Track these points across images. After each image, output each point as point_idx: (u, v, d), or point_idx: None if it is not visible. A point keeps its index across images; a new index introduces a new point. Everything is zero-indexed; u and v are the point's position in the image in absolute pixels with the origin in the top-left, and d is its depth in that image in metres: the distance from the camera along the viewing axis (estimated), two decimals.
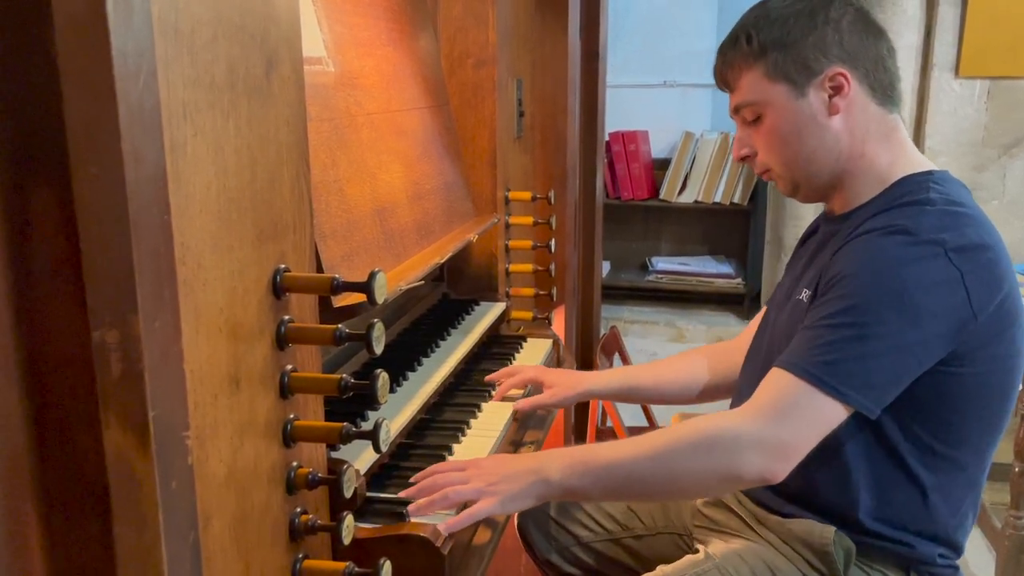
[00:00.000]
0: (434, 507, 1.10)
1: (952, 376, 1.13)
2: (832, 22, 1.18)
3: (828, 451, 1.18)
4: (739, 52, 1.22)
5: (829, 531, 1.20)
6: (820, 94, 1.19)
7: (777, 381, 1.12)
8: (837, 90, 1.19)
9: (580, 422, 2.53)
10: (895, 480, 1.18)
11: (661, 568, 1.29)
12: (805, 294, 1.21)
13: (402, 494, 1.13)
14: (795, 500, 1.26)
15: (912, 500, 1.19)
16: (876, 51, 1.20)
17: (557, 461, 1.16)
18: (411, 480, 1.15)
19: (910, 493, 1.19)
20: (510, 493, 1.13)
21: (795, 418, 1.10)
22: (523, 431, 1.47)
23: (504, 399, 1.48)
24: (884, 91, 1.21)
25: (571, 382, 1.51)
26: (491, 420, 1.40)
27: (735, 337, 1.58)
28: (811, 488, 1.23)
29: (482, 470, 1.15)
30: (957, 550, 1.24)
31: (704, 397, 1.54)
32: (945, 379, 1.13)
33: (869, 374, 1.09)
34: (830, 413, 1.10)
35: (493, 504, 1.11)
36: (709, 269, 4.01)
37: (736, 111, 1.27)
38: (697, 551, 1.32)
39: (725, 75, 1.26)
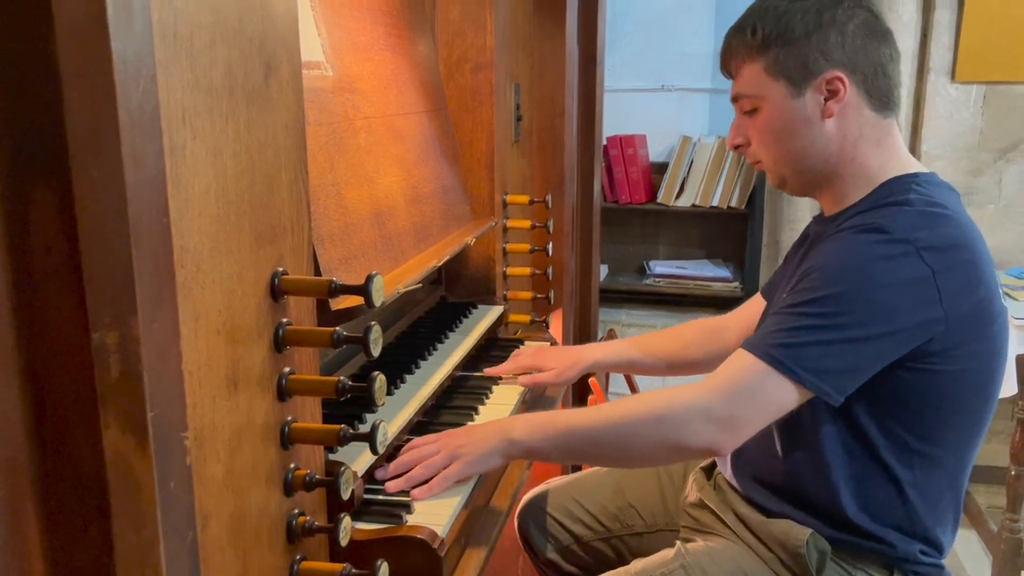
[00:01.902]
0: (411, 482, 1.15)
1: (926, 372, 1.15)
2: (838, 24, 1.19)
3: (807, 444, 1.22)
4: (743, 43, 1.24)
5: (804, 532, 1.22)
6: (816, 96, 1.21)
7: (737, 360, 1.17)
8: (833, 94, 1.20)
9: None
10: (872, 474, 1.21)
11: (636, 562, 1.33)
12: (787, 292, 1.23)
13: (378, 473, 1.17)
14: (782, 495, 1.28)
15: (889, 495, 1.21)
16: (878, 57, 1.21)
17: (521, 422, 1.23)
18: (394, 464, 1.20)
19: (887, 488, 1.21)
20: (477, 454, 1.19)
21: (747, 395, 1.14)
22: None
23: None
24: (881, 97, 1.23)
25: (570, 359, 1.58)
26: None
27: (727, 315, 1.64)
28: (795, 482, 1.26)
29: (452, 438, 1.22)
30: (939, 549, 1.25)
31: (695, 370, 1.58)
32: (919, 375, 1.15)
33: (824, 359, 1.12)
34: (783, 394, 1.13)
35: (462, 466, 1.18)
36: (707, 273, 4.01)
37: (735, 99, 1.29)
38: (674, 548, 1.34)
39: (728, 63, 1.28)
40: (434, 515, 1.11)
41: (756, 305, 1.51)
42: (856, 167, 1.23)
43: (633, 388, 2.66)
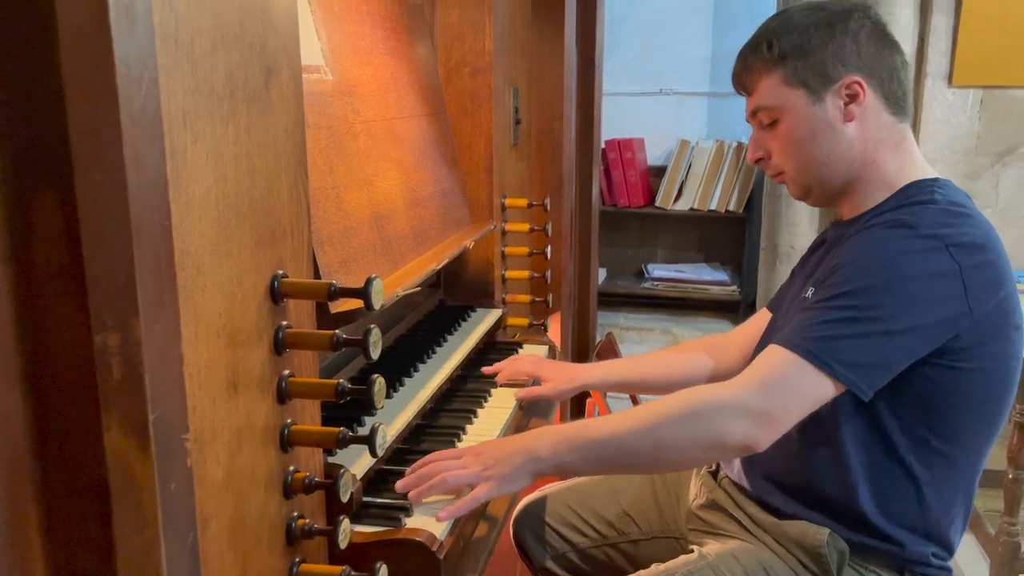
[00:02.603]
0: (433, 491, 1.13)
1: (948, 370, 1.16)
2: (851, 33, 1.22)
3: (827, 442, 1.21)
4: (759, 57, 1.26)
5: (823, 533, 1.22)
6: (836, 101, 1.23)
7: (771, 355, 1.16)
8: (853, 98, 1.22)
9: (577, 416, 2.55)
10: (890, 472, 1.21)
11: (656, 566, 1.31)
12: (810, 292, 1.24)
13: (399, 484, 1.15)
14: (795, 494, 1.28)
15: (906, 494, 1.21)
16: (891, 63, 1.24)
17: (548, 438, 1.20)
18: (408, 470, 1.18)
19: (905, 487, 1.21)
20: (504, 475, 1.17)
21: (782, 389, 1.14)
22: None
23: (506, 383, 1.55)
24: (896, 101, 1.25)
25: (568, 375, 1.56)
26: (487, 425, 1.41)
27: (729, 332, 1.63)
28: (811, 481, 1.26)
29: (477, 456, 1.19)
30: (949, 550, 1.26)
31: None
32: (942, 372, 1.16)
33: (859, 352, 1.12)
34: (818, 387, 1.13)
35: (490, 488, 1.15)
36: (705, 276, 4.02)
37: (753, 115, 1.30)
38: (692, 552, 1.33)
39: (743, 79, 1.30)
40: (432, 518, 1.11)
41: (760, 321, 1.50)
42: (876, 170, 1.25)
43: (634, 398, 2.66)
